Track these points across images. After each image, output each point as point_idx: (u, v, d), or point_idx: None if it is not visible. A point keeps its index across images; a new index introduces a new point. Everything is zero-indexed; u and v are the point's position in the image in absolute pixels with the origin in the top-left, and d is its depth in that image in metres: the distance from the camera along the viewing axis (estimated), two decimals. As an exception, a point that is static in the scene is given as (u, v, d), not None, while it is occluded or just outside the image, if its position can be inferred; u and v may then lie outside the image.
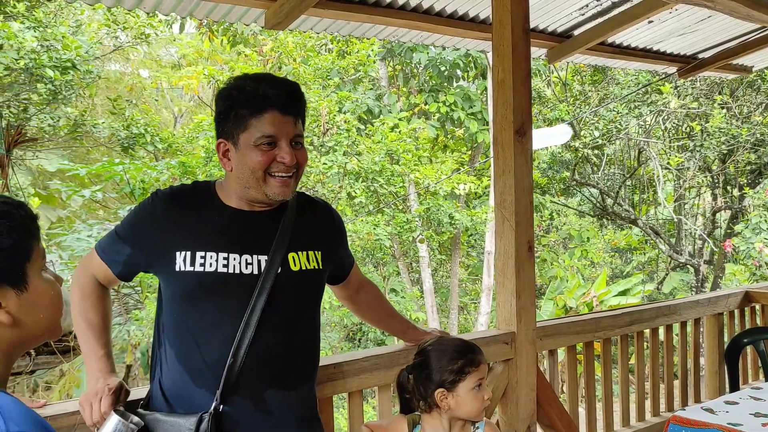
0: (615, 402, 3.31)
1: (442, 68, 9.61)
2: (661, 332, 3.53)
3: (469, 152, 11.65)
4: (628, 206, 11.34)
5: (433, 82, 10.35)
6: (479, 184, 10.10)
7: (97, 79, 9.46)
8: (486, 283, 10.13)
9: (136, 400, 1.65)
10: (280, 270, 1.59)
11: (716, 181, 10.98)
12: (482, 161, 11.32)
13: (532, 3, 2.67)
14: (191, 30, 11.80)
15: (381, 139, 9.12)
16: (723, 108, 9.83)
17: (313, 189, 8.84)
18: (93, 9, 9.07)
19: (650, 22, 3.65)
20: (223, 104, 1.59)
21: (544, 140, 8.79)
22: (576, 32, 3.78)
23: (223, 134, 1.60)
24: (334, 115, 8.99)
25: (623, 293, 10.08)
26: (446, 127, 10.54)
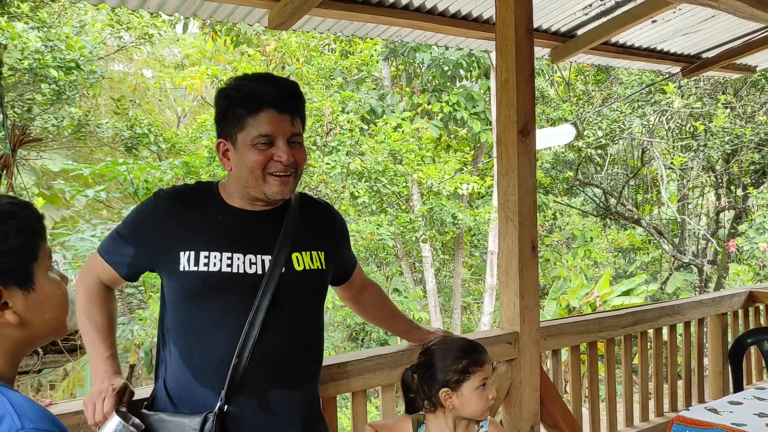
0: (618, 402, 3.31)
1: (445, 68, 9.61)
2: (665, 332, 3.53)
3: (472, 152, 11.65)
4: (631, 206, 11.33)
5: (436, 81, 10.34)
6: (482, 184, 10.09)
7: (100, 79, 9.47)
8: (489, 282, 10.13)
9: (140, 400, 1.65)
10: (284, 270, 1.59)
11: (720, 180, 10.96)
12: (485, 161, 11.32)
13: (536, 3, 2.66)
14: (194, 30, 11.81)
15: (384, 139, 9.12)
16: (727, 108, 9.82)
17: (316, 189, 8.85)
18: (97, 9, 9.10)
19: (654, 21, 3.65)
20: (222, 104, 1.60)
21: (548, 140, 8.77)
22: (579, 32, 3.77)
23: (222, 134, 1.61)
24: (337, 115, 8.99)
25: (626, 293, 10.08)
26: (449, 126, 10.54)
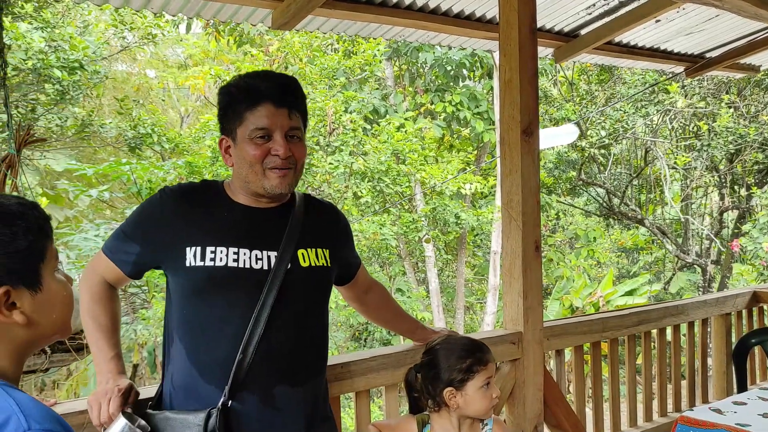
0: (622, 402, 3.30)
1: (448, 68, 9.60)
2: (669, 332, 3.53)
3: (475, 152, 11.64)
4: (634, 206, 11.31)
5: (439, 81, 10.34)
6: (485, 184, 10.09)
7: (104, 79, 9.50)
8: (492, 282, 10.12)
9: (146, 400, 1.65)
10: (289, 266, 1.59)
11: (723, 180, 10.94)
12: (488, 161, 11.31)
13: (539, 2, 2.67)
14: (198, 30, 11.83)
15: (387, 138, 9.12)
16: (730, 107, 9.80)
17: (319, 189, 8.84)
18: (100, 9, 9.11)
19: (657, 21, 3.64)
20: (223, 101, 1.63)
21: (551, 140, 8.77)
22: (583, 32, 3.77)
23: (224, 131, 1.64)
24: (340, 115, 8.99)
25: (630, 293, 10.05)
26: (452, 126, 10.54)
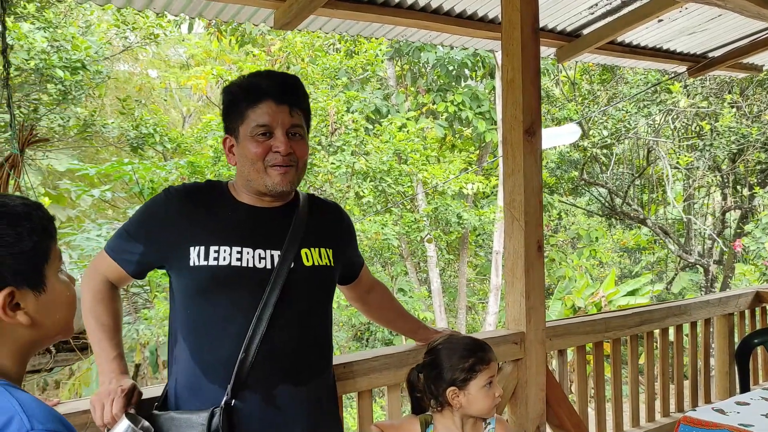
0: (624, 402, 3.30)
1: (450, 68, 9.59)
2: (671, 332, 3.52)
3: (477, 152, 11.63)
4: (636, 206, 11.29)
5: (441, 81, 10.33)
6: (487, 184, 10.08)
7: (106, 79, 9.51)
8: (494, 282, 10.12)
9: (151, 399, 1.65)
10: (293, 265, 1.59)
11: (726, 180, 10.92)
12: (490, 161, 11.30)
13: (542, 2, 2.67)
14: (200, 30, 11.83)
15: (389, 138, 9.11)
16: (733, 107, 9.78)
17: (321, 189, 8.85)
18: (102, 9, 9.12)
19: (660, 20, 3.64)
20: (226, 100, 1.64)
21: (553, 140, 8.75)
22: (585, 31, 3.76)
23: (227, 130, 1.65)
24: (342, 115, 8.99)
25: (632, 293, 10.05)
26: (454, 126, 10.53)
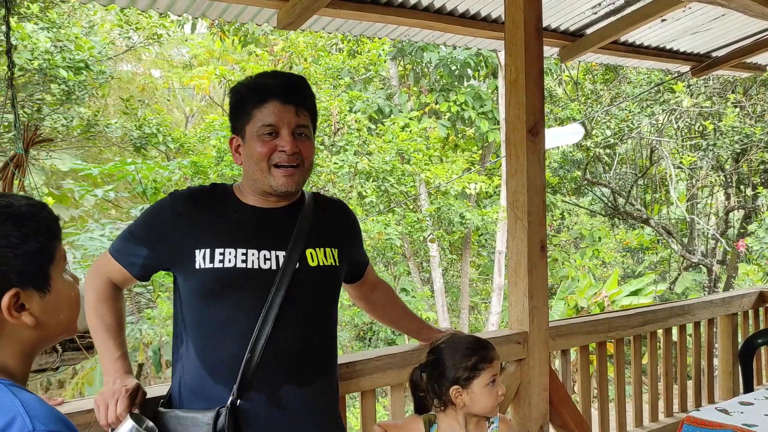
0: (627, 402, 3.30)
1: (453, 67, 9.59)
2: (675, 332, 3.52)
3: (480, 151, 11.63)
4: (640, 206, 11.27)
5: (444, 81, 10.33)
6: (490, 184, 10.08)
7: (109, 79, 9.51)
8: (497, 282, 10.11)
9: (156, 398, 1.66)
10: (298, 265, 1.60)
11: (729, 180, 10.90)
12: (493, 161, 11.30)
13: (545, 2, 2.66)
14: (202, 30, 11.85)
15: (392, 138, 9.12)
16: (736, 107, 9.76)
17: (324, 188, 8.85)
18: (106, 10, 9.14)
19: (663, 20, 3.63)
20: (232, 100, 1.65)
21: (556, 139, 8.74)
22: (588, 31, 3.75)
23: (234, 130, 1.65)
24: (345, 115, 8.99)
25: (635, 293, 10.04)
26: (457, 126, 10.53)
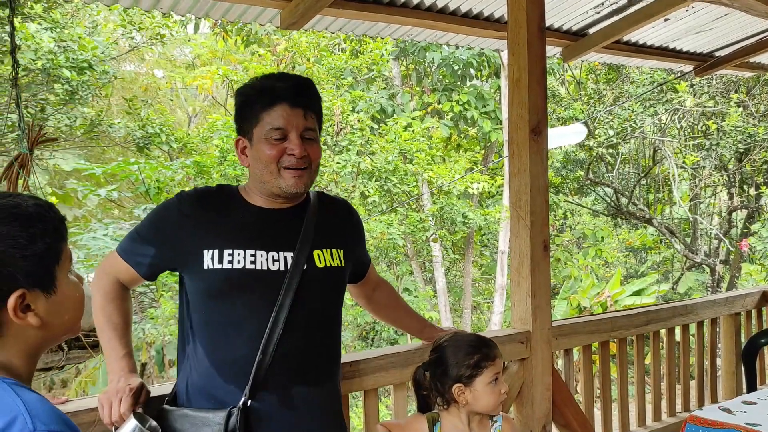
0: (630, 402, 3.29)
1: (456, 67, 9.58)
2: (678, 332, 3.51)
3: (483, 151, 11.61)
4: (642, 205, 11.26)
5: (447, 81, 10.33)
6: (492, 184, 10.06)
7: (113, 79, 9.53)
8: (499, 282, 10.10)
9: (160, 397, 1.66)
10: (306, 267, 1.61)
11: (732, 180, 10.88)
12: (495, 160, 11.29)
13: (548, 1, 2.66)
14: (205, 30, 11.84)
15: (394, 138, 9.11)
16: (739, 106, 9.74)
17: (327, 188, 8.85)
18: (109, 10, 9.14)
19: (666, 20, 3.63)
20: (239, 102, 1.64)
21: (558, 139, 8.73)
22: (591, 30, 3.75)
23: (240, 131, 1.65)
24: (348, 115, 8.99)
25: (638, 293, 10.01)
26: (459, 126, 10.52)
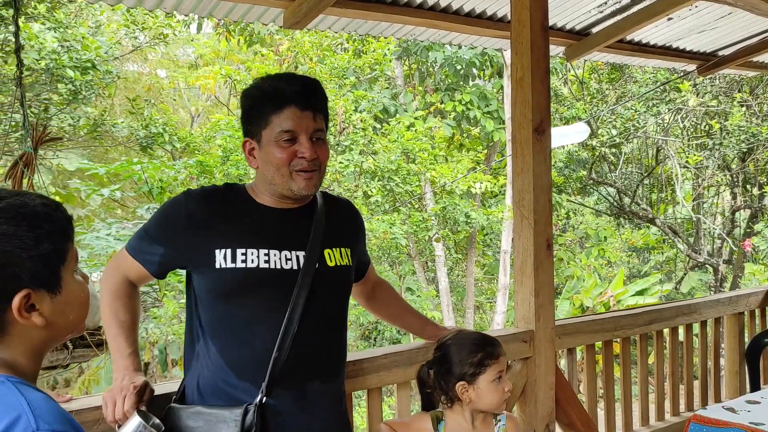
0: (634, 401, 3.29)
1: (458, 67, 9.57)
2: (681, 332, 3.51)
3: (485, 151, 11.61)
4: (645, 205, 11.24)
5: (449, 80, 10.32)
6: (495, 183, 10.06)
7: (116, 79, 9.55)
8: (502, 282, 10.09)
9: (164, 395, 1.67)
10: (318, 265, 1.63)
11: (735, 179, 10.85)
12: (498, 160, 11.28)
13: (551, 0, 2.66)
14: (208, 30, 11.87)
15: (397, 138, 9.11)
16: (743, 106, 9.72)
17: (329, 188, 8.85)
18: (112, 10, 9.17)
19: (670, 19, 3.62)
20: (246, 104, 1.64)
21: (561, 139, 8.71)
22: (594, 30, 3.75)
23: (247, 133, 1.65)
24: (350, 114, 9.00)
25: (641, 293, 10.00)
26: (462, 125, 10.51)
